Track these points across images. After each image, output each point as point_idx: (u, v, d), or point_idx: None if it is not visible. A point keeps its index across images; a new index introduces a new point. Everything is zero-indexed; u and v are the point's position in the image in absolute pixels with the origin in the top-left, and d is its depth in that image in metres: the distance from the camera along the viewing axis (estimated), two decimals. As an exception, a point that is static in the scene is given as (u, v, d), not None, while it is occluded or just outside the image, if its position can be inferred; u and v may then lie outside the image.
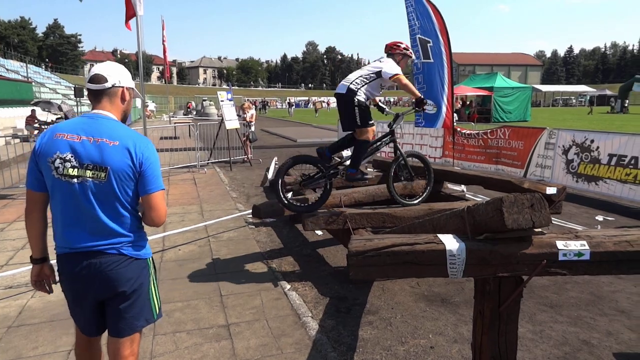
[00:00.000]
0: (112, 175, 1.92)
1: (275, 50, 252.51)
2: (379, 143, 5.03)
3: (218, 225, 6.06)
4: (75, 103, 25.52)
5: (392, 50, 4.83)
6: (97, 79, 2.03)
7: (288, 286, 4.19)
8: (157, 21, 26.69)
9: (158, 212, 2.06)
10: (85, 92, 2.47)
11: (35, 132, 16.41)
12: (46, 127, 17.35)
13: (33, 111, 17.54)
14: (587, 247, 2.17)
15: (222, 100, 11.95)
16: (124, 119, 2.14)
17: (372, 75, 4.62)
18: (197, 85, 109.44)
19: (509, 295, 2.29)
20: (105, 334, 2.13)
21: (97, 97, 2.05)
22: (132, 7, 7.46)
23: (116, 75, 2.07)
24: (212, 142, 12.40)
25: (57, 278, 2.11)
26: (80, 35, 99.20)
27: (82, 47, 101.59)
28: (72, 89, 29.51)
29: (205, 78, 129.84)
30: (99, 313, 2.09)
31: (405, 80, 4.68)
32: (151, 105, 39.96)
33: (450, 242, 2.25)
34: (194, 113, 41.99)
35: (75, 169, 1.90)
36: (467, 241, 2.27)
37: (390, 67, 4.60)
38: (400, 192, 5.03)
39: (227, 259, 4.96)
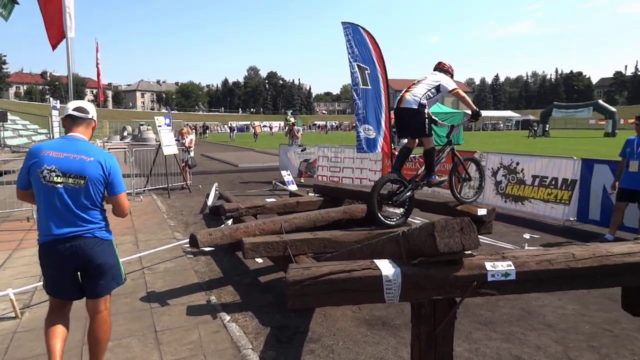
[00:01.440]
0: (89, 181, 2.70)
1: (216, 74, 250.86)
2: (442, 153, 5.54)
3: (154, 256, 5.80)
4: (-2, 128, 23.83)
5: (443, 66, 5.42)
6: (83, 110, 2.87)
7: (228, 317, 4.06)
8: (91, 43, 25.72)
9: (122, 208, 2.94)
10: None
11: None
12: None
13: (-53, 137, 16.14)
14: (512, 267, 2.28)
15: (159, 126, 11.62)
16: (90, 137, 2.94)
17: (433, 91, 5.07)
18: (134, 110, 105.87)
19: (444, 317, 2.35)
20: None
21: (76, 123, 2.85)
22: (54, 26, 7.05)
23: (93, 111, 2.94)
24: (148, 169, 11.96)
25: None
26: (5, 56, 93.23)
27: (7, 68, 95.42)
28: (-6, 113, 27.56)
29: (144, 102, 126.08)
30: (78, 283, 2.81)
31: (463, 93, 5.23)
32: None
33: (386, 267, 2.29)
34: (130, 138, 40.48)
35: (59, 177, 2.65)
36: (402, 266, 2.32)
37: (449, 82, 5.18)
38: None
39: (163, 291, 4.74)
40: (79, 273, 2.79)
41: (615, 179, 6.46)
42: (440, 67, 5.45)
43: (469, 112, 5.47)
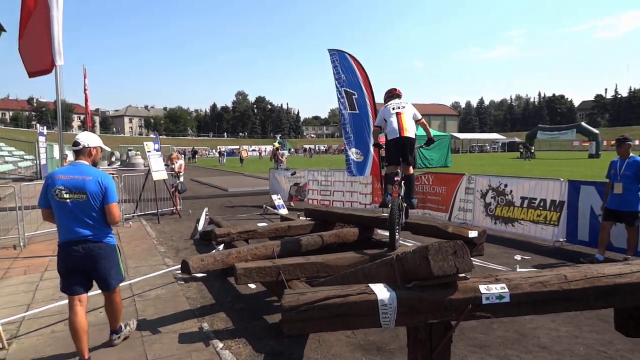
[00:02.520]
0: (89, 196, 3.54)
1: (205, 99, 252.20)
2: None
3: (144, 282, 5.71)
4: (-17, 154, 23.54)
5: (400, 93, 5.94)
6: (76, 143, 3.71)
7: (221, 345, 4.00)
8: (78, 69, 25.81)
9: (113, 215, 3.65)
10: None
11: None
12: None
13: None
14: (506, 289, 2.31)
15: (149, 151, 11.59)
16: (94, 164, 3.81)
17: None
18: (121, 135, 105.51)
19: (440, 341, 2.36)
20: None
21: (76, 153, 3.72)
22: (33, 56, 7.02)
23: (85, 140, 3.74)
24: (138, 194, 11.87)
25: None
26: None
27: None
28: (-20, 139, 27.29)
29: (132, 127, 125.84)
30: (85, 280, 3.65)
31: (425, 122, 5.83)
32: (70, 156, 37.82)
33: (381, 291, 2.30)
34: (118, 163, 40.23)
35: (67, 194, 3.50)
36: (397, 290, 2.33)
37: (417, 112, 5.66)
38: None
39: (154, 319, 4.65)
40: (87, 272, 3.63)
41: (603, 201, 6.59)
42: (398, 94, 5.93)
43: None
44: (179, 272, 5.61)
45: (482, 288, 2.30)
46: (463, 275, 2.36)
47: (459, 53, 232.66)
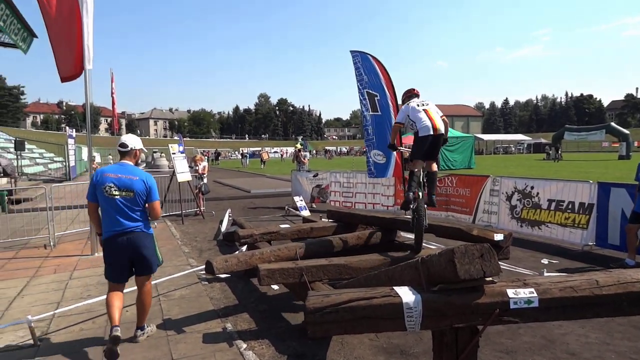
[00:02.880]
0: (136, 194, 3.95)
1: (228, 101, 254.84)
2: None
3: (169, 282, 5.80)
4: (15, 156, 24.34)
5: (418, 93, 5.92)
6: (123, 145, 4.12)
7: (244, 345, 4.03)
8: (105, 72, 26.49)
9: (156, 211, 4.13)
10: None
11: (-31, 188, 15.34)
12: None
13: (-33, 166, 16.51)
14: (535, 294, 2.26)
15: (173, 153, 11.79)
16: (136, 163, 4.22)
17: None
18: (146, 137, 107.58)
19: (466, 345, 2.32)
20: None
21: (122, 154, 4.14)
22: (65, 61, 7.23)
23: (132, 142, 4.17)
24: (163, 195, 12.08)
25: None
26: (23, 87, 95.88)
27: (24, 99, 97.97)
28: (13, 142, 28.19)
29: (156, 129, 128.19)
30: (128, 269, 4.04)
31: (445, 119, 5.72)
32: (97, 158, 38.74)
33: (406, 294, 2.28)
34: (144, 165, 41.02)
35: (117, 191, 3.90)
36: (422, 293, 2.30)
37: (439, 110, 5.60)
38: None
39: (179, 319, 4.72)
40: (130, 261, 4.00)
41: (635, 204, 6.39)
42: (417, 94, 5.89)
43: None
44: (203, 272, 5.69)
45: (510, 292, 2.26)
46: (490, 279, 2.32)
47: (484, 53, 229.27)
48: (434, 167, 5.43)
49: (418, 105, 5.50)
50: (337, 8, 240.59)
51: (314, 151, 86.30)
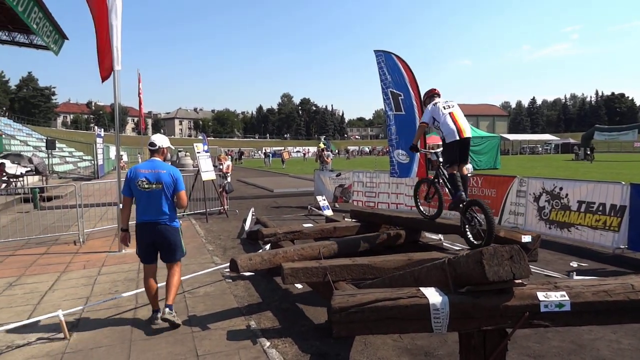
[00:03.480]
0: (164, 186, 4.45)
1: (251, 101, 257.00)
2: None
3: (194, 279, 5.88)
4: (47, 155, 25.09)
5: (439, 93, 5.96)
6: (152, 144, 4.64)
7: (267, 343, 4.05)
8: (132, 73, 27.01)
9: (183, 200, 4.63)
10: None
11: (3, 185, 15.86)
12: (15, 180, 16.88)
13: (2, 164, 17.03)
14: (567, 297, 2.20)
15: (198, 152, 11.95)
16: (165, 159, 4.72)
17: None
18: (171, 136, 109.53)
19: (494, 349, 2.28)
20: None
21: (152, 152, 4.66)
22: (106, 61, 7.45)
23: (160, 142, 4.67)
24: (187, 194, 12.23)
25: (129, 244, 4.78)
26: (54, 87, 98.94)
27: (55, 99, 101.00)
28: (44, 140, 29.08)
29: (181, 129, 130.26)
30: (155, 253, 4.58)
31: None
32: (125, 157, 39.61)
33: (433, 295, 2.25)
34: (169, 164, 41.62)
35: (148, 184, 4.41)
36: (449, 294, 2.27)
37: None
38: None
39: (203, 315, 4.78)
40: (155, 247, 4.54)
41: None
42: (439, 94, 5.94)
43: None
44: (227, 270, 5.74)
45: (541, 295, 2.20)
46: (519, 281, 2.27)
47: (510, 51, 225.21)
48: (465, 170, 5.55)
49: (445, 108, 5.54)
50: (359, 6, 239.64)
51: (336, 151, 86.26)
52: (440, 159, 5.79)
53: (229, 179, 12.79)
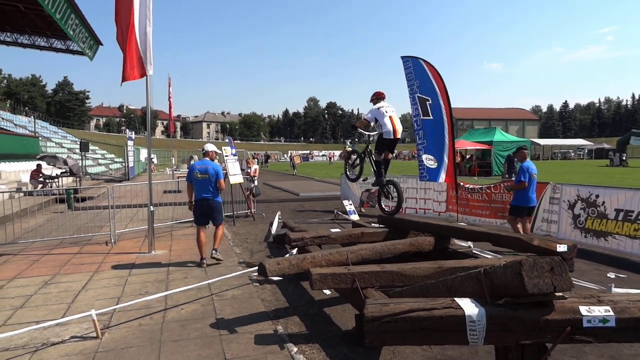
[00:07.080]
0: (210, 175, 7.06)
1: (277, 105, 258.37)
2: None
3: (221, 282, 5.91)
4: (80, 157, 25.86)
5: (384, 96, 7.49)
6: (204, 149, 7.42)
7: (295, 349, 4.03)
8: (162, 77, 27.56)
9: (222, 184, 7.17)
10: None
11: (40, 186, 16.42)
12: (50, 181, 17.46)
13: (39, 165, 17.68)
14: (611, 313, 2.10)
15: (226, 156, 12.07)
16: (211, 159, 7.31)
17: None
18: (199, 140, 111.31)
19: (533, 364, 2.19)
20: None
21: (204, 154, 7.36)
22: (132, 63, 7.54)
23: (207, 148, 7.48)
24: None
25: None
26: (88, 91, 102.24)
27: (89, 102, 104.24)
28: (78, 143, 29.98)
29: (209, 132, 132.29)
30: (205, 217, 7.23)
31: None
32: (155, 159, 40.41)
33: (469, 307, 2.18)
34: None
35: (200, 174, 7.05)
36: (486, 306, 2.20)
37: None
38: None
39: (231, 318, 4.80)
40: (205, 215, 7.18)
41: None
42: (384, 97, 7.46)
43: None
44: (255, 273, 5.76)
45: (583, 310, 2.11)
46: (560, 294, 2.18)
47: (541, 54, 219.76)
48: (389, 155, 7.62)
49: (386, 112, 7.14)
50: (389, 12, 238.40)
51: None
52: (371, 139, 7.70)
53: (256, 182, 12.89)
